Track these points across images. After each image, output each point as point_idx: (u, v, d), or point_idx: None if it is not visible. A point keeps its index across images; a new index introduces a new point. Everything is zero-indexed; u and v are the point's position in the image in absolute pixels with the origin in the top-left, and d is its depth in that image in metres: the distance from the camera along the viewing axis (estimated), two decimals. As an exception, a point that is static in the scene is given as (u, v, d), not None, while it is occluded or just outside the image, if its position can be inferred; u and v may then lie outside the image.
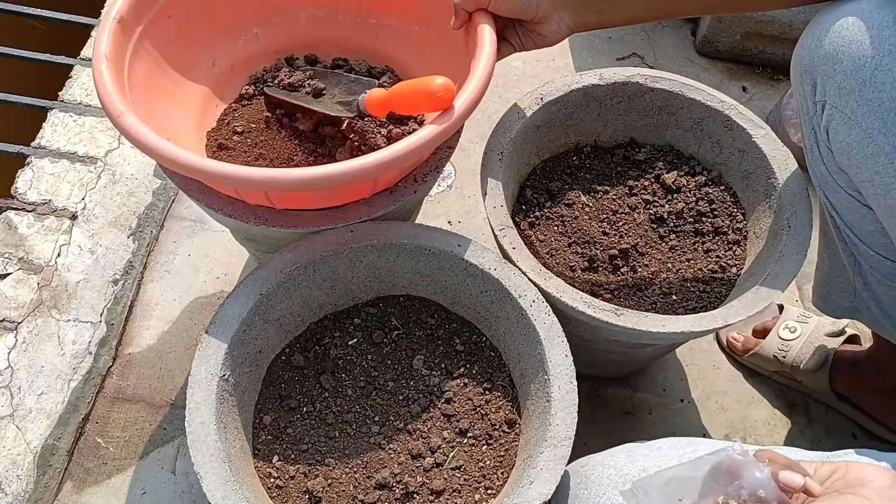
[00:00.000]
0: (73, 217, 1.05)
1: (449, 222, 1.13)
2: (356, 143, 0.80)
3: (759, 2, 0.73)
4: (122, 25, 0.73)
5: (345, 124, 0.80)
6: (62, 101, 1.17)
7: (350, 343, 0.78)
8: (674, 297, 0.81)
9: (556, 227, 0.86)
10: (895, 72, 0.56)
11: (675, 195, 0.88)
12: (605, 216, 0.87)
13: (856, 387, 0.93)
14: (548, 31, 0.73)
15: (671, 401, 0.98)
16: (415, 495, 0.69)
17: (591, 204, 0.88)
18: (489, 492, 0.69)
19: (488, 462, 0.71)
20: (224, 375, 0.67)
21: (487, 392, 0.75)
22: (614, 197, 0.89)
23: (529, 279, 0.73)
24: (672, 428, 0.96)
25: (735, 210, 0.86)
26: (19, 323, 0.96)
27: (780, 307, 1.02)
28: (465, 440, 0.72)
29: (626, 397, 0.98)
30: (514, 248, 0.74)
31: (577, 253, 0.84)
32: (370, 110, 0.76)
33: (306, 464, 0.71)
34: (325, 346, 0.78)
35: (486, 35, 0.74)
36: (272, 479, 0.69)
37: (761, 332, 1.00)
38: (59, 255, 1.02)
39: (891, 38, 0.57)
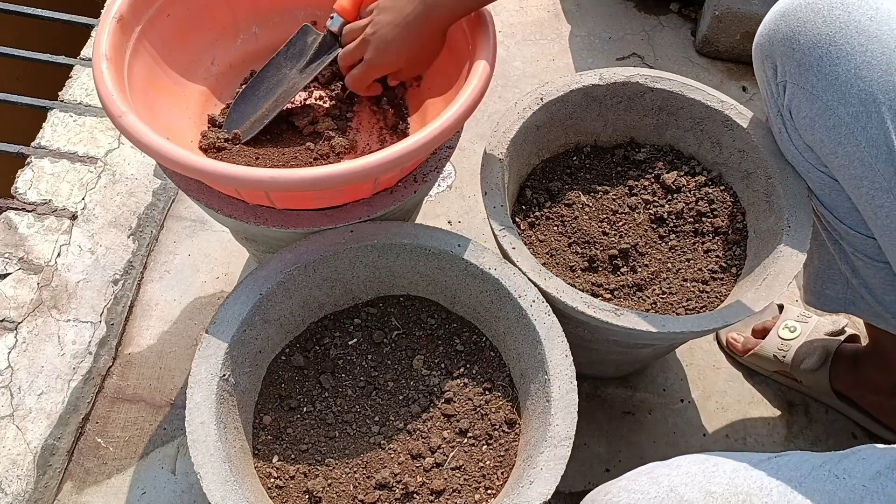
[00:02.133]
0: (73, 217, 1.05)
1: (449, 222, 1.13)
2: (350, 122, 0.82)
3: None
4: (122, 24, 0.73)
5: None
6: (62, 101, 1.17)
7: (350, 343, 0.78)
8: (674, 297, 0.81)
9: (556, 227, 0.86)
10: (846, 47, 0.61)
11: (675, 195, 0.88)
12: (605, 216, 0.87)
13: (856, 385, 0.93)
14: None
15: (671, 401, 0.98)
16: (415, 495, 0.69)
17: (591, 204, 0.88)
18: (489, 492, 0.69)
19: (488, 462, 0.71)
20: (224, 375, 0.67)
21: (487, 392, 0.75)
22: (614, 197, 0.89)
23: (529, 279, 0.73)
24: (672, 428, 0.96)
25: (735, 210, 0.86)
26: (19, 323, 0.96)
27: (780, 307, 1.02)
28: (465, 440, 0.72)
29: (626, 397, 0.98)
30: (514, 248, 0.74)
31: (577, 253, 0.84)
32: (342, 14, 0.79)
33: (306, 464, 0.71)
34: (325, 346, 0.78)
35: (487, 35, 0.74)
36: (272, 479, 0.69)
37: (761, 332, 1.00)
38: (59, 255, 1.02)
39: (840, 17, 0.61)
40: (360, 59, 0.76)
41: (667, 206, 0.87)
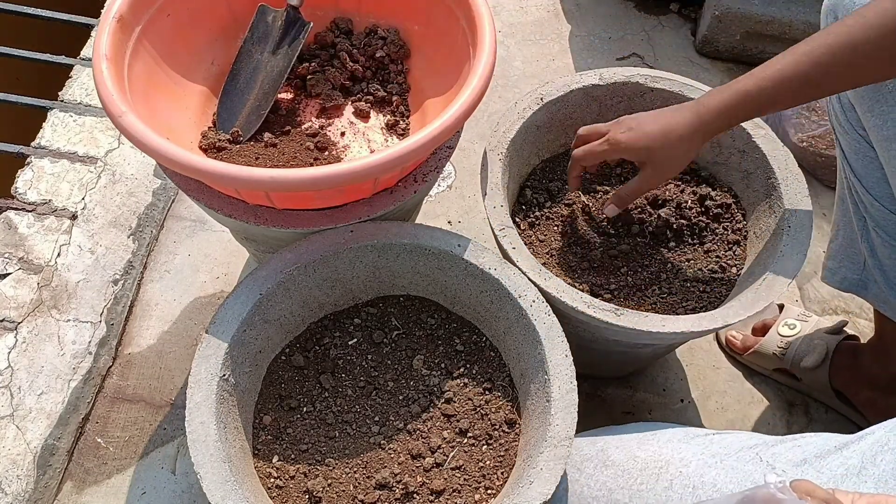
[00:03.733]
0: (73, 217, 1.05)
1: (449, 222, 1.13)
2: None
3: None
4: (122, 24, 0.73)
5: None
6: (62, 101, 1.17)
7: (350, 343, 0.78)
8: (674, 297, 0.81)
9: (556, 227, 0.86)
10: None
11: (676, 195, 0.88)
12: (605, 216, 0.87)
13: (854, 381, 0.93)
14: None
15: (671, 401, 0.98)
16: (415, 495, 0.69)
17: (591, 204, 0.88)
18: (489, 492, 0.69)
19: (488, 462, 0.71)
20: (224, 375, 0.67)
21: (487, 392, 0.75)
22: (614, 197, 0.88)
23: (529, 279, 0.73)
24: (672, 428, 0.96)
25: (735, 210, 0.86)
26: (19, 323, 0.96)
27: (781, 307, 1.02)
28: (465, 440, 0.72)
29: (626, 397, 0.98)
30: (514, 248, 0.74)
31: (577, 253, 0.84)
32: None
33: (306, 464, 0.71)
34: (325, 346, 0.78)
35: (487, 35, 0.74)
36: (272, 479, 0.69)
37: (761, 330, 1.00)
38: (59, 255, 1.02)
39: None
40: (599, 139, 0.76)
41: (667, 206, 0.87)
